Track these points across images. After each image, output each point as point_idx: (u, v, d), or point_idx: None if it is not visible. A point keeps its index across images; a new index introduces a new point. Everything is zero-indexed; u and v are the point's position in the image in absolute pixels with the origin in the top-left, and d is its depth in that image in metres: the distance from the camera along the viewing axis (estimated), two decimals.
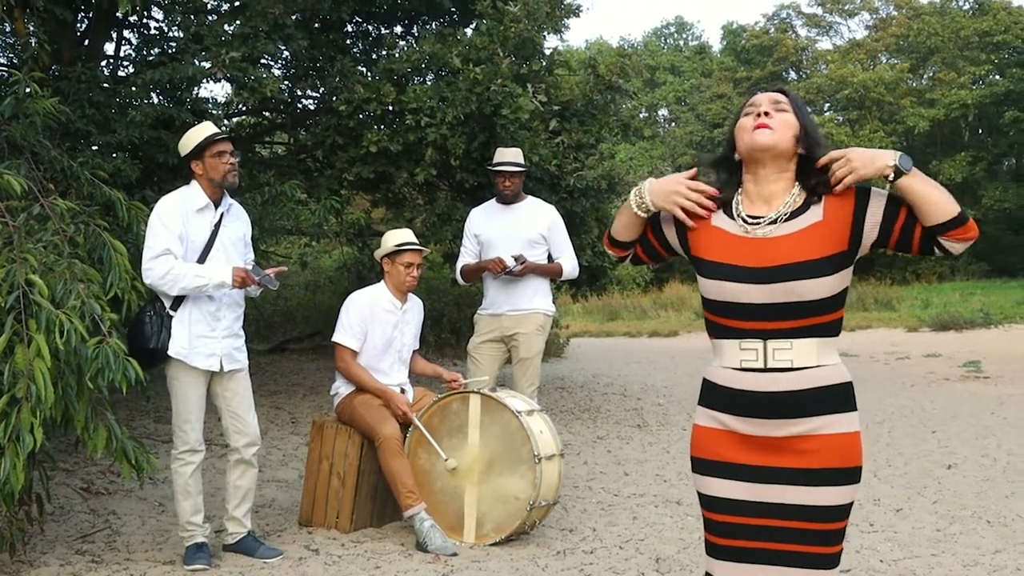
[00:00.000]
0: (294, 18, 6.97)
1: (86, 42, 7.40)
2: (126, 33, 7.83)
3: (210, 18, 7.00)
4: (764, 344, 2.04)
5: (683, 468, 5.92)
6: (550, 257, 5.10)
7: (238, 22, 6.77)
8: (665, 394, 10.00)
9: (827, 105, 33.20)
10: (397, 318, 4.59)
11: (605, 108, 8.14)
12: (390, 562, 3.96)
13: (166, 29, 7.62)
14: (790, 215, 2.08)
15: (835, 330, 2.06)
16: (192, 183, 3.94)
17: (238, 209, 4.12)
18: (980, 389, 10.01)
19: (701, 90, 37.42)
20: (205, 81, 6.85)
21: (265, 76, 6.72)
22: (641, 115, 35.96)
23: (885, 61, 33.85)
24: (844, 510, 2.04)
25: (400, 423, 4.39)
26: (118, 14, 6.45)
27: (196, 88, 6.92)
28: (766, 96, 2.15)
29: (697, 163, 2.24)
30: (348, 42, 8.37)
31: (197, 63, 6.41)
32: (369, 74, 7.86)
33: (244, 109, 8.05)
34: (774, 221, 2.08)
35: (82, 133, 6.12)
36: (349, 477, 4.44)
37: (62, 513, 4.52)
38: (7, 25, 6.31)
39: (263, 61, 7.61)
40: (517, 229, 5.01)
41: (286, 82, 7.55)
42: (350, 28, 8.55)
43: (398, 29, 8.94)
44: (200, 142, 3.89)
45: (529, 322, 4.99)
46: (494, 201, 5.16)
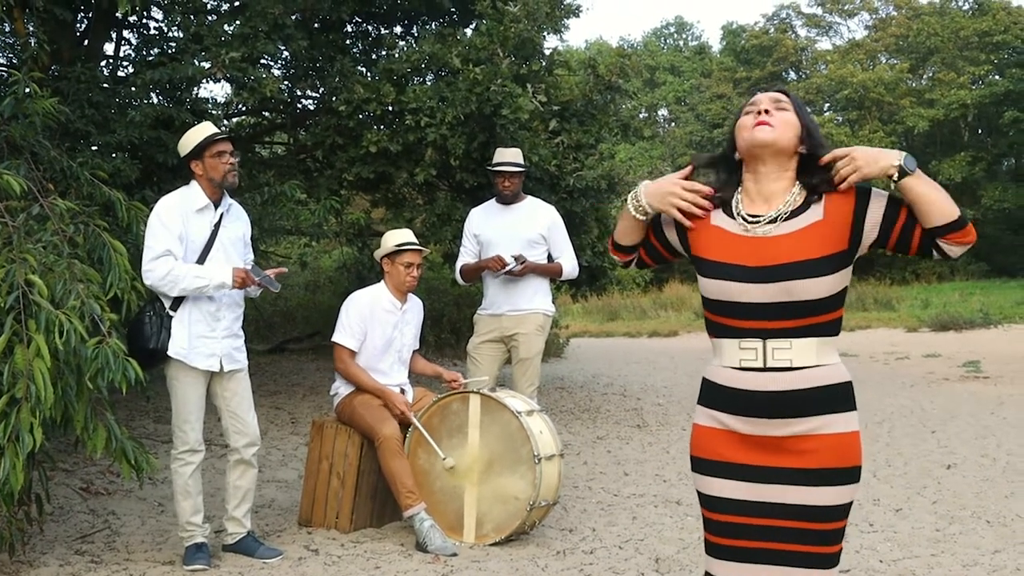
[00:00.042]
0: (294, 18, 6.97)
1: (86, 42, 7.40)
2: (126, 33, 7.83)
3: (210, 18, 7.00)
4: (763, 343, 2.04)
5: (683, 468, 5.92)
6: (550, 257, 5.10)
7: (238, 22, 6.77)
8: (665, 394, 10.00)
9: (827, 105, 33.21)
10: (397, 318, 4.59)
11: (605, 108, 8.14)
12: (390, 562, 3.95)
13: (166, 29, 7.62)
14: (790, 214, 2.08)
15: (835, 329, 2.07)
16: (192, 183, 3.94)
17: (238, 209, 4.11)
18: (980, 389, 10.01)
19: (701, 90, 37.44)
20: (205, 81, 6.86)
21: (265, 76, 6.72)
22: (641, 115, 35.96)
23: (885, 61, 33.86)
24: (844, 510, 2.04)
25: (400, 423, 4.39)
26: (118, 14, 6.46)
27: (196, 88, 6.92)
28: (767, 96, 2.16)
29: (695, 163, 2.20)
30: (348, 42, 8.37)
31: (197, 63, 6.42)
32: (369, 74, 7.86)
33: (244, 109, 8.05)
34: (774, 220, 2.08)
35: (82, 133, 6.12)
36: (349, 477, 4.44)
37: (61, 513, 4.52)
38: (7, 25, 6.31)
39: (263, 61, 7.61)
40: (517, 229, 5.01)
41: (286, 82, 7.55)
42: (350, 28, 8.55)
43: (398, 29, 8.94)
44: (200, 142, 3.89)
45: (529, 322, 4.99)
46: (494, 201, 5.16)
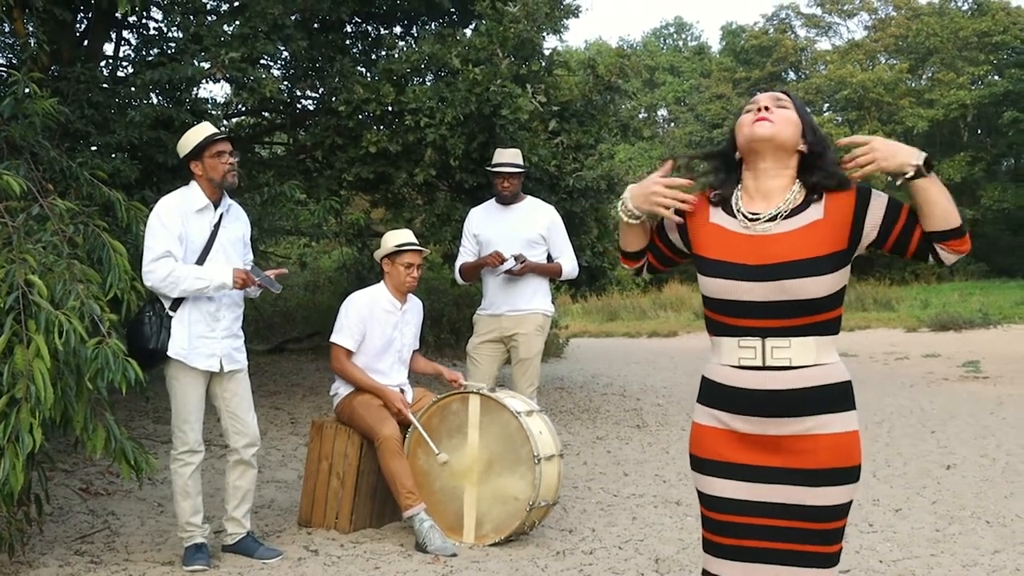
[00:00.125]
0: (293, 18, 6.97)
1: (85, 42, 7.40)
2: (125, 33, 7.83)
3: (209, 18, 7.00)
4: (762, 342, 2.04)
5: (682, 468, 5.92)
6: (549, 257, 5.09)
7: (237, 22, 6.77)
8: (664, 394, 10.00)
9: (826, 105, 33.21)
10: (397, 318, 4.59)
11: (604, 108, 8.14)
12: (389, 563, 3.95)
13: (165, 29, 7.62)
14: (790, 212, 2.08)
15: (834, 328, 2.07)
16: (191, 184, 3.94)
17: (237, 210, 4.11)
18: (979, 389, 10.01)
19: (700, 90, 37.45)
20: (204, 81, 6.86)
21: (264, 76, 6.72)
22: (640, 115, 36.01)
23: (884, 61, 33.88)
24: (843, 509, 2.05)
25: (399, 423, 4.39)
26: (117, 14, 6.46)
27: (195, 88, 6.92)
28: (767, 95, 2.17)
29: (676, 161, 2.20)
30: (347, 42, 8.37)
31: (196, 63, 6.42)
32: (368, 74, 7.86)
33: (243, 109, 8.05)
34: (774, 218, 2.08)
35: (81, 133, 6.12)
36: (348, 477, 4.44)
37: (61, 514, 4.51)
38: (6, 25, 6.31)
39: (262, 61, 7.61)
40: (516, 229, 5.01)
41: (285, 82, 7.55)
42: (349, 28, 8.55)
43: (397, 29, 8.94)
44: (199, 142, 3.89)
45: (528, 322, 4.99)
46: (493, 201, 5.16)
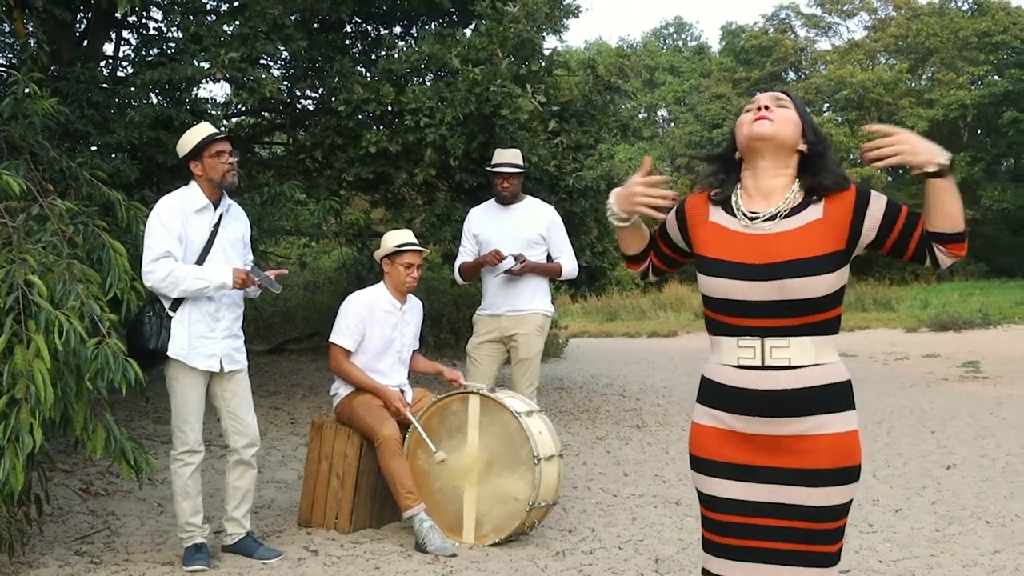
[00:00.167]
0: (293, 18, 6.97)
1: (85, 42, 7.40)
2: (125, 33, 7.83)
3: (209, 18, 7.00)
4: (762, 342, 2.04)
5: (682, 468, 5.92)
6: (549, 257, 5.09)
7: (237, 22, 6.77)
8: (664, 394, 10.00)
9: (826, 106, 33.21)
10: (396, 319, 4.59)
11: (604, 108, 8.14)
12: (389, 563, 3.95)
13: (165, 29, 7.62)
14: (790, 211, 2.08)
15: (833, 328, 2.07)
16: (191, 184, 3.94)
17: (237, 210, 4.11)
18: (979, 389, 10.01)
19: (700, 90, 37.45)
20: (204, 81, 6.86)
21: (264, 76, 6.72)
22: (640, 115, 36.00)
23: (884, 61, 33.89)
24: (843, 509, 2.05)
25: (399, 423, 4.39)
26: (117, 14, 6.46)
27: (195, 88, 6.92)
28: (767, 94, 2.17)
29: (652, 167, 2.20)
30: (347, 42, 8.37)
31: (196, 63, 6.41)
32: (368, 74, 7.86)
33: (243, 109, 8.05)
34: (773, 217, 2.08)
35: (81, 133, 6.12)
36: (348, 478, 4.44)
37: (61, 514, 4.51)
38: (6, 25, 6.31)
39: (262, 61, 7.61)
40: (516, 229, 5.01)
41: (285, 82, 7.55)
42: (349, 28, 8.55)
43: (397, 29, 8.94)
44: (198, 142, 3.89)
45: (528, 323, 4.99)
46: (493, 201, 5.16)
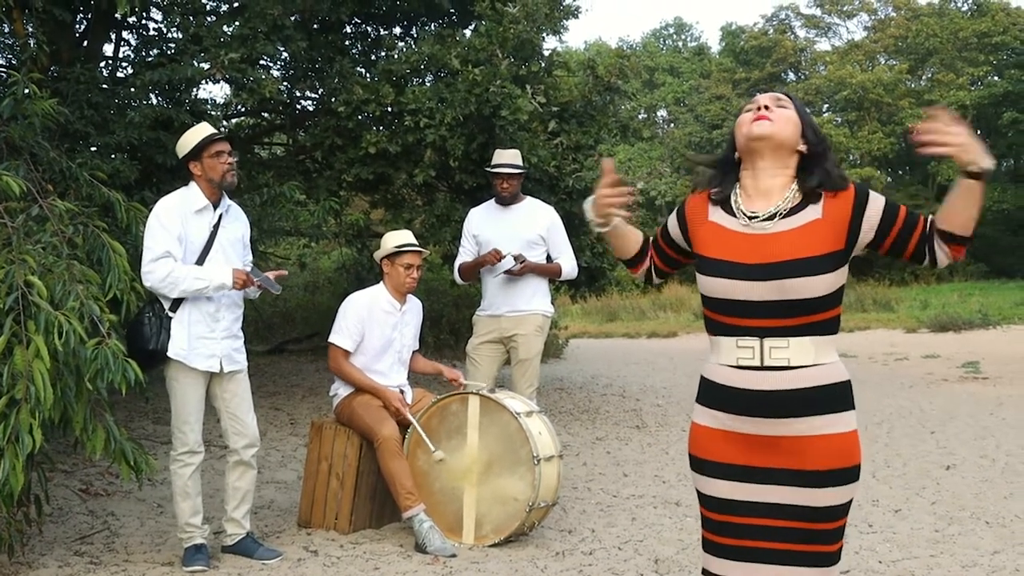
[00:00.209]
0: (293, 19, 6.97)
1: (85, 43, 7.39)
2: (125, 34, 7.83)
3: (209, 19, 7.00)
4: (761, 342, 2.04)
5: (682, 469, 5.92)
6: (549, 258, 5.09)
7: (237, 23, 6.76)
8: (664, 395, 10.00)
9: (826, 106, 33.22)
10: (396, 319, 4.59)
11: (604, 109, 8.14)
12: (389, 563, 3.95)
13: (165, 30, 7.62)
14: (789, 211, 2.08)
15: (833, 328, 2.07)
16: (191, 184, 3.94)
17: (237, 210, 4.11)
18: (979, 390, 10.01)
19: (700, 91, 37.45)
20: (204, 82, 6.85)
21: (264, 77, 6.72)
22: (640, 116, 36.05)
23: (884, 62, 33.88)
24: (843, 509, 2.05)
25: (399, 424, 4.39)
26: (117, 15, 6.46)
27: (195, 89, 6.92)
28: (767, 95, 2.17)
29: (614, 172, 2.24)
30: (347, 43, 8.37)
31: (196, 64, 6.41)
32: (368, 75, 7.86)
33: (243, 110, 8.05)
34: (772, 216, 2.09)
35: (81, 134, 6.12)
36: (348, 478, 4.44)
37: (61, 514, 4.51)
38: (6, 26, 6.30)
39: (262, 62, 7.61)
40: (516, 230, 5.01)
41: (285, 83, 7.55)
42: (349, 29, 8.55)
43: (397, 30, 8.94)
44: (198, 143, 3.89)
45: (528, 323, 4.99)
46: (493, 202, 5.16)
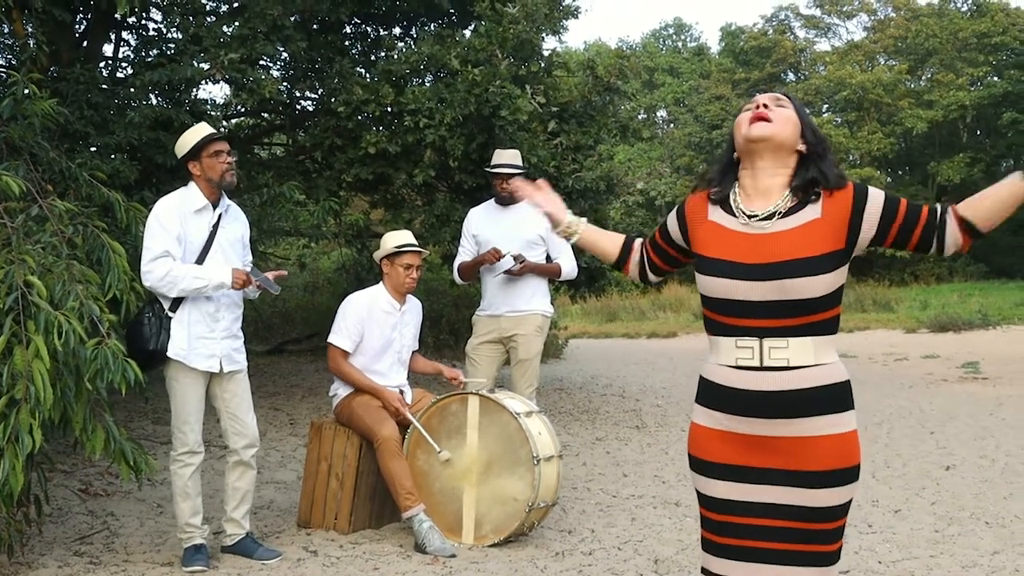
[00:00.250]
0: (293, 19, 6.97)
1: (85, 43, 7.39)
2: (125, 34, 7.83)
3: (209, 19, 7.00)
4: (760, 342, 2.04)
5: (682, 469, 5.92)
6: (548, 258, 5.09)
7: (237, 23, 6.77)
8: (664, 395, 10.00)
9: (825, 107, 33.22)
10: (396, 319, 4.59)
11: (604, 109, 8.14)
12: (389, 563, 3.95)
13: (165, 30, 7.62)
14: (788, 211, 2.08)
15: (832, 328, 2.07)
16: (190, 184, 3.94)
17: (236, 210, 4.11)
18: (978, 390, 10.01)
19: (700, 91, 37.44)
20: (204, 82, 6.85)
21: (264, 77, 6.72)
22: (640, 116, 36.06)
23: (883, 63, 33.88)
24: (843, 509, 2.05)
25: (398, 424, 4.39)
26: (117, 15, 6.46)
27: (195, 89, 6.92)
28: (766, 95, 2.17)
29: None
30: (347, 43, 8.37)
31: (196, 64, 6.41)
32: (368, 75, 7.86)
33: (243, 110, 8.06)
34: (771, 216, 2.08)
35: (81, 134, 6.12)
36: (348, 478, 4.44)
37: (60, 514, 4.51)
38: (6, 26, 6.31)
39: (262, 62, 7.61)
40: (516, 230, 5.00)
41: (285, 83, 7.55)
42: (349, 29, 8.55)
43: (397, 30, 8.94)
44: (196, 143, 3.89)
45: (527, 323, 4.99)
46: (492, 202, 5.16)
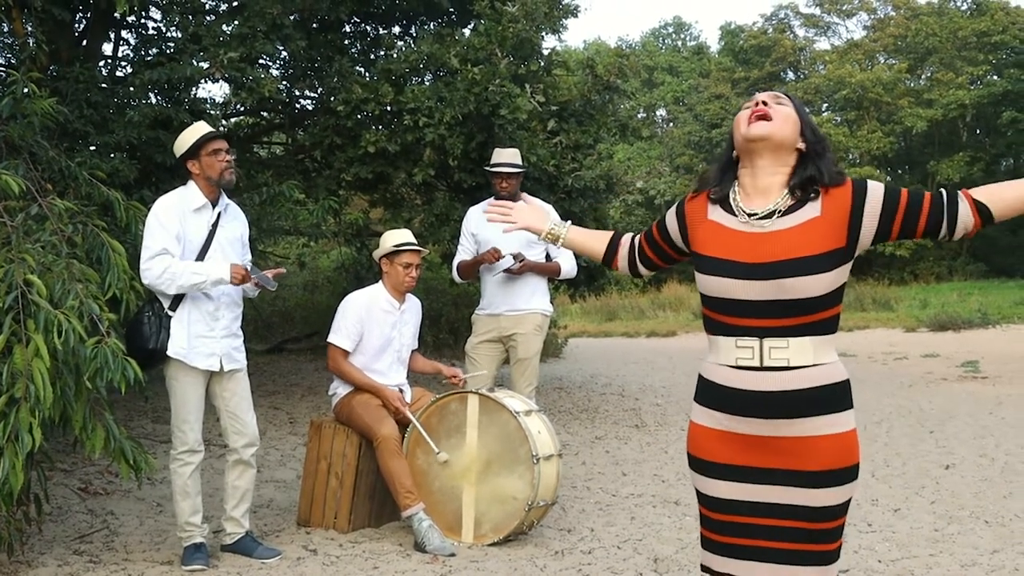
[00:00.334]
0: (292, 18, 6.97)
1: (84, 42, 7.39)
2: (124, 33, 7.83)
3: (208, 18, 6.99)
4: (760, 342, 2.04)
5: (681, 468, 5.92)
6: (548, 257, 5.10)
7: (236, 22, 6.76)
8: (663, 394, 10.00)
9: (825, 105, 33.19)
10: (395, 318, 4.59)
11: (603, 108, 8.14)
12: (388, 562, 3.96)
13: (164, 29, 7.62)
14: (787, 210, 2.08)
15: (832, 328, 2.06)
16: (189, 183, 3.94)
17: (235, 209, 4.11)
18: (978, 389, 10.01)
19: (699, 90, 37.41)
20: (203, 81, 6.85)
21: (263, 76, 6.71)
22: (639, 115, 36.04)
23: (883, 61, 33.87)
24: (843, 508, 2.05)
25: (398, 423, 4.39)
26: (116, 14, 6.45)
27: (194, 88, 6.92)
28: (766, 93, 2.17)
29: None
30: (346, 42, 8.37)
31: (195, 63, 6.41)
32: (367, 74, 7.86)
33: (242, 109, 8.05)
34: (771, 214, 2.08)
35: (80, 133, 6.12)
36: (347, 477, 4.44)
37: (60, 513, 4.51)
38: (5, 25, 6.31)
39: (261, 61, 7.61)
40: None
41: (284, 82, 7.55)
42: (348, 28, 8.55)
43: (396, 29, 8.94)
44: (195, 141, 3.89)
45: (527, 322, 4.99)
46: (492, 200, 5.16)
